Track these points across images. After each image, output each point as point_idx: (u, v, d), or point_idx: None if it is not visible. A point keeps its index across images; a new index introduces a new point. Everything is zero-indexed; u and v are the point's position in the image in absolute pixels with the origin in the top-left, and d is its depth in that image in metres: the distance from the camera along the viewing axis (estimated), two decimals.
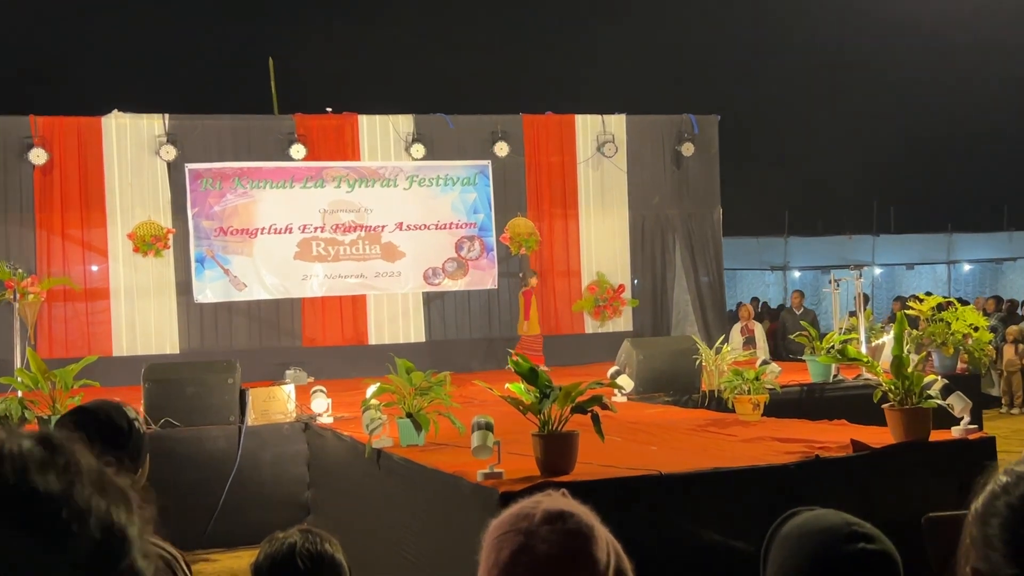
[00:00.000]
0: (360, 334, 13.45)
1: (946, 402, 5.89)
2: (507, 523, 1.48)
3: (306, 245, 13.20)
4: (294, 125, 13.21)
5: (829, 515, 1.64)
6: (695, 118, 14.72)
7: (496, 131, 13.86)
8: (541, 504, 1.50)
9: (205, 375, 8.66)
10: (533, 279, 13.33)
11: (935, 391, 5.84)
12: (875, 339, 11.15)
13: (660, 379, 9.49)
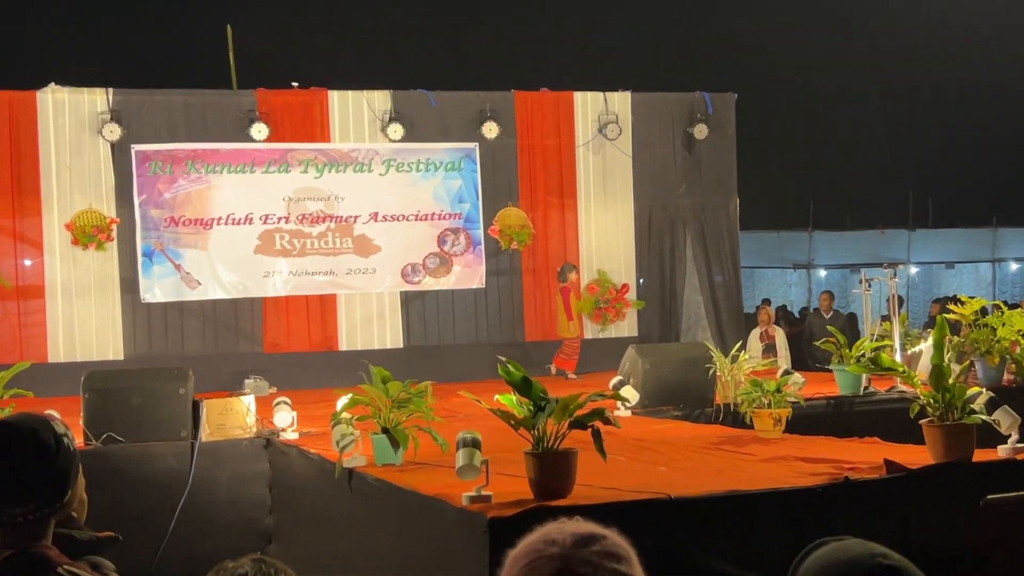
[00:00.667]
0: (329, 339, 13.43)
1: (992, 418, 5.91)
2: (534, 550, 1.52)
3: (268, 238, 13.17)
4: (255, 102, 13.19)
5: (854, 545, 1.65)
6: (709, 96, 14.74)
7: (484, 109, 13.86)
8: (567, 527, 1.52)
9: (153, 384, 8.62)
10: (573, 274, 13.45)
11: (979, 405, 5.86)
12: (911, 346, 11.18)
13: (669, 391, 9.50)
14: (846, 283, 24.08)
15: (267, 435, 8.57)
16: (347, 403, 6.74)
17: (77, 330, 12.64)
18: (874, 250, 23.93)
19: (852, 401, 9.89)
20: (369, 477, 6.26)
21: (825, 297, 15.15)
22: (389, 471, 6.29)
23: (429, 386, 6.77)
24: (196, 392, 8.77)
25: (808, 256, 25.09)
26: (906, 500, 5.53)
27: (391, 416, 6.54)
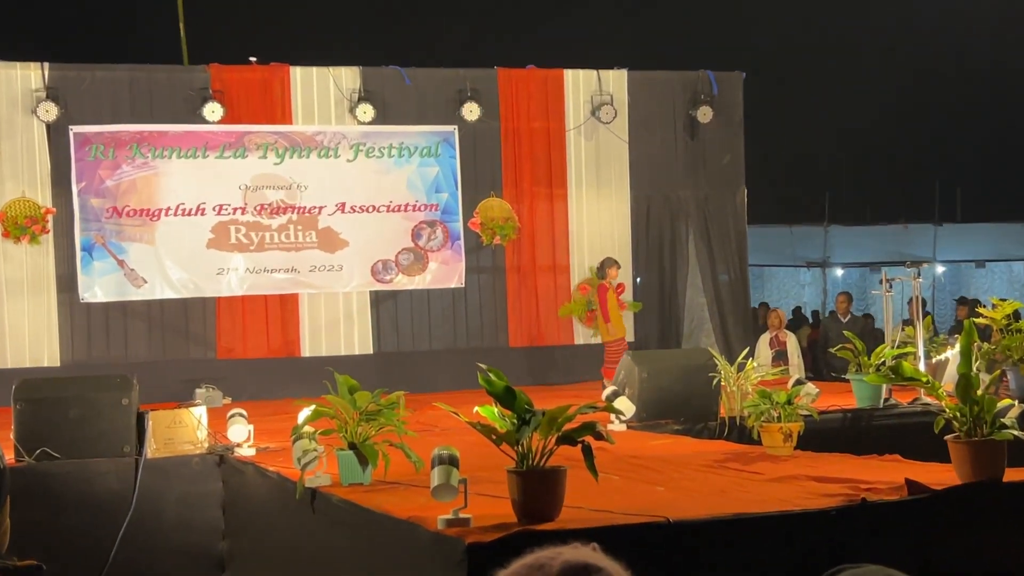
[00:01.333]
0: (290, 344, 13.42)
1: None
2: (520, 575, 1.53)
3: (223, 231, 13.15)
4: (208, 78, 13.16)
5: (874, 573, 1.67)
6: (714, 75, 14.79)
7: (464, 89, 13.87)
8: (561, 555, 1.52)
9: (93, 394, 8.59)
10: (613, 269, 13.46)
11: (1011, 419, 5.90)
12: (936, 354, 11.24)
13: (668, 402, 9.52)
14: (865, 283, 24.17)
15: (220, 451, 8.55)
16: (310, 416, 6.73)
17: (8, 333, 12.59)
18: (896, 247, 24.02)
19: (871, 414, 9.94)
20: (334, 498, 6.26)
21: (842, 299, 15.22)
22: (356, 491, 6.28)
23: (402, 397, 6.76)
24: (141, 403, 8.72)
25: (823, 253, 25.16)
26: (929, 524, 5.56)
27: (359, 430, 6.54)
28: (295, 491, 6.50)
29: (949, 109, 30.16)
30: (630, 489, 6.22)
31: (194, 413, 8.71)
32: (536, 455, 5.16)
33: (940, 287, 25.23)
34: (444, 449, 5.29)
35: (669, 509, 5.36)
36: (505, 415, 5.22)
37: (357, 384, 6.70)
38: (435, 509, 5.21)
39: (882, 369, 8.81)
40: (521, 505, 5.15)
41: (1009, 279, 25.59)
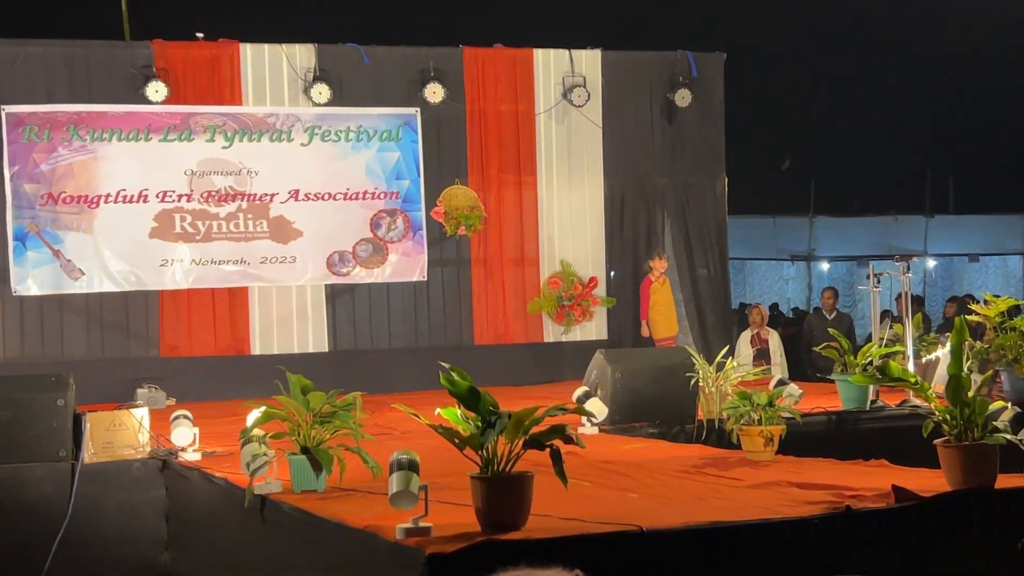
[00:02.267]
0: (239, 341, 13.37)
1: (1018, 438, 6.01)
2: None
3: (166, 219, 13.09)
4: (151, 55, 13.08)
5: None
6: (693, 56, 14.83)
7: (428, 69, 13.84)
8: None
9: (25, 394, 8.54)
10: (655, 260, 13.60)
11: (1004, 423, 5.96)
12: (926, 353, 11.33)
13: (643, 404, 9.55)
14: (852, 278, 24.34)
15: (163, 456, 8.51)
16: (260, 418, 6.71)
17: None
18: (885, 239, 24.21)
19: (857, 417, 10.01)
20: (285, 506, 6.24)
21: (828, 294, 15.31)
22: (309, 499, 6.28)
23: (358, 398, 6.75)
24: (78, 404, 8.68)
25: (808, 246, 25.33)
26: (917, 533, 5.61)
27: (312, 433, 6.53)
28: (243, 499, 6.48)
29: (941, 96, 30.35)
30: (601, 496, 6.24)
31: (135, 415, 8.66)
32: (501, 460, 5.17)
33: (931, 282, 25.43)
34: (403, 454, 5.29)
35: (643, 517, 5.38)
36: (469, 417, 5.22)
37: (311, 384, 6.69)
38: (394, 518, 5.21)
39: (869, 369, 8.89)
40: (485, 513, 5.15)
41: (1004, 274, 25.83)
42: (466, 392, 5.21)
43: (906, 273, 11.09)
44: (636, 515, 5.47)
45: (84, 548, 8.32)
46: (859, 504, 5.67)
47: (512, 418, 5.10)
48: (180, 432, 8.39)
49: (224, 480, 7.32)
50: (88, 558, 8.31)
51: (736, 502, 6.01)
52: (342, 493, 6.33)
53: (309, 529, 5.99)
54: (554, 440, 5.17)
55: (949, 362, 6.08)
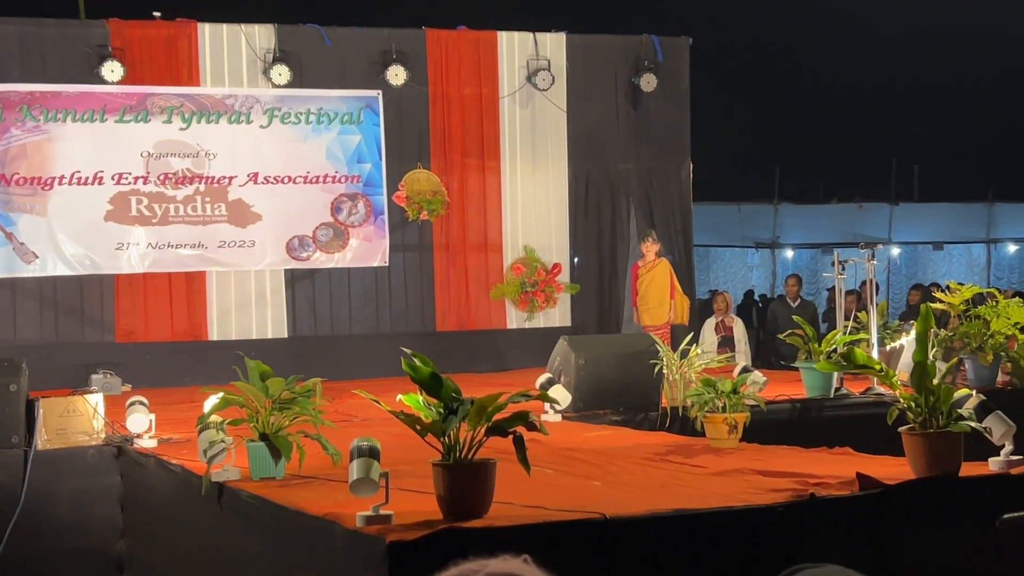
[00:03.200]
0: (197, 326, 13.31)
1: (983, 425, 6.05)
2: None
3: (122, 201, 12.99)
4: (107, 34, 12.97)
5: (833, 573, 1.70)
6: (659, 40, 14.85)
7: (390, 50, 13.79)
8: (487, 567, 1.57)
9: None
10: (646, 242, 13.35)
11: (968, 411, 6.00)
12: (890, 341, 11.41)
13: (607, 391, 9.57)
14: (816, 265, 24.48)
15: (119, 442, 8.47)
16: (217, 404, 6.68)
17: None
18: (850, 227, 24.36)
19: (821, 404, 10.07)
20: (244, 493, 6.22)
21: (792, 282, 15.40)
22: (268, 486, 6.25)
23: (318, 384, 6.73)
24: (31, 389, 8.63)
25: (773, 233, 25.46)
26: (882, 521, 5.64)
27: (271, 420, 6.50)
28: (200, 486, 6.45)
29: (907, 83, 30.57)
30: (565, 484, 6.24)
31: (90, 401, 8.61)
32: (464, 447, 5.16)
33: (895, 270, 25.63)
34: (364, 440, 5.27)
35: (606, 505, 5.39)
36: (431, 404, 5.21)
37: (270, 370, 6.66)
38: (354, 505, 5.19)
39: (833, 356, 8.93)
40: (447, 501, 5.15)
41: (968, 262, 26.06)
42: (428, 378, 5.19)
43: (870, 260, 11.16)
44: (599, 503, 5.48)
45: (37, 537, 8.27)
46: (823, 492, 5.70)
47: (475, 405, 5.09)
48: (136, 418, 8.34)
49: (181, 467, 7.29)
50: (41, 547, 8.26)
51: (700, 490, 6.03)
52: (301, 481, 6.31)
53: (267, 517, 5.96)
54: (517, 427, 5.17)
55: (914, 350, 6.12)
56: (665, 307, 13.24)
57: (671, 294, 13.37)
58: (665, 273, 13.43)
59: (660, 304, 13.24)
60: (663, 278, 13.36)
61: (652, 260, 13.49)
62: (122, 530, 8.50)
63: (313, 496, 5.87)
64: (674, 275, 13.58)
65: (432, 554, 4.69)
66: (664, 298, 13.23)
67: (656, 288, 13.31)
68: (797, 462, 6.77)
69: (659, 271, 13.44)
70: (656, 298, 13.26)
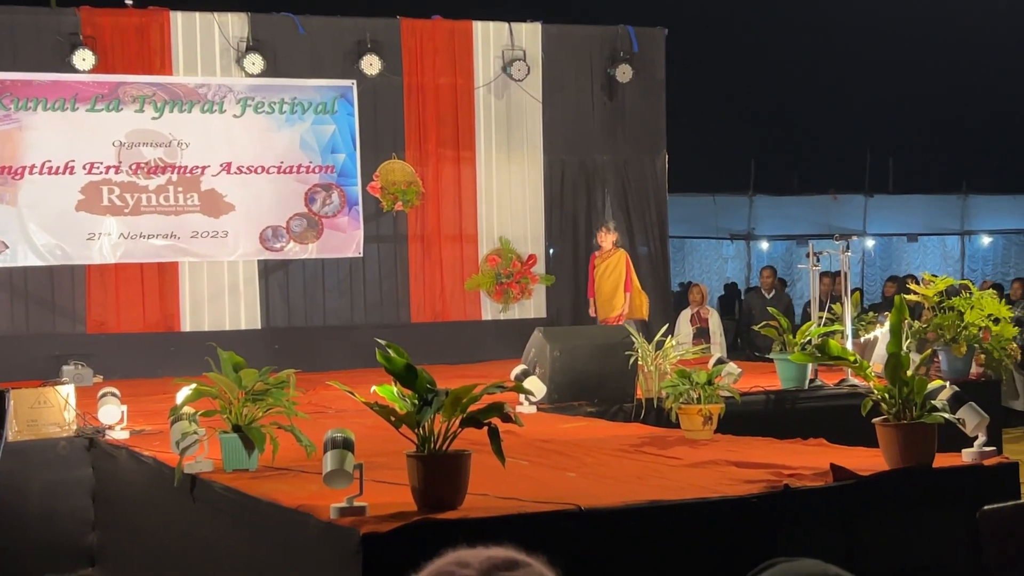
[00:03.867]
0: (169, 317, 13.26)
1: (956, 416, 6.09)
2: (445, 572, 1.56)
3: (94, 191, 12.92)
4: (78, 22, 12.88)
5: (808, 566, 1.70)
6: (634, 31, 14.86)
7: (364, 40, 13.75)
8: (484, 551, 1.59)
9: None
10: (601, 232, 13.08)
11: (942, 402, 6.03)
12: (865, 332, 11.47)
13: (582, 383, 9.58)
14: (791, 257, 24.57)
15: (90, 434, 8.44)
16: (190, 395, 6.67)
17: None
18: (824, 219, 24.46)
19: (796, 396, 10.11)
20: (216, 485, 6.20)
21: (767, 273, 15.46)
22: (241, 478, 6.24)
23: (292, 375, 6.72)
24: (1, 380, 8.62)
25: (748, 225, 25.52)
26: (856, 512, 5.68)
27: (244, 411, 6.48)
28: (173, 478, 6.43)
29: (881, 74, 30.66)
30: (539, 475, 6.25)
31: (61, 392, 8.57)
32: (438, 438, 5.16)
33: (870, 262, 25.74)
34: (338, 432, 5.26)
35: (581, 496, 5.40)
36: (405, 395, 5.21)
37: (243, 361, 6.64)
38: (327, 497, 5.18)
39: (808, 348, 8.97)
40: (421, 492, 5.15)
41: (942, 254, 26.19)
42: (403, 369, 5.18)
43: (845, 252, 11.20)
44: (574, 494, 5.49)
45: (8, 529, 8.24)
46: (797, 483, 5.73)
47: (449, 396, 5.09)
48: (107, 410, 8.32)
49: (153, 459, 7.27)
50: (12, 539, 8.24)
51: (675, 481, 6.05)
52: (275, 472, 6.31)
53: (240, 509, 5.95)
54: (492, 418, 5.17)
55: (888, 341, 6.15)
56: (619, 300, 12.97)
57: (626, 287, 13.07)
58: (621, 265, 13.15)
59: (613, 296, 12.96)
60: (618, 270, 13.09)
61: (609, 250, 13.24)
62: (93, 522, 8.49)
63: (287, 488, 5.86)
64: (631, 268, 13.29)
65: (406, 546, 4.69)
66: (617, 290, 12.98)
67: (610, 280, 13.04)
68: (771, 453, 6.80)
69: (614, 262, 13.17)
70: (609, 290, 13.00)
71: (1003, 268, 25.34)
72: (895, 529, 5.68)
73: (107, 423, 8.33)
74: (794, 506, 5.57)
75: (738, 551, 5.31)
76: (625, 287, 13.07)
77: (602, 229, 13.39)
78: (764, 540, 5.36)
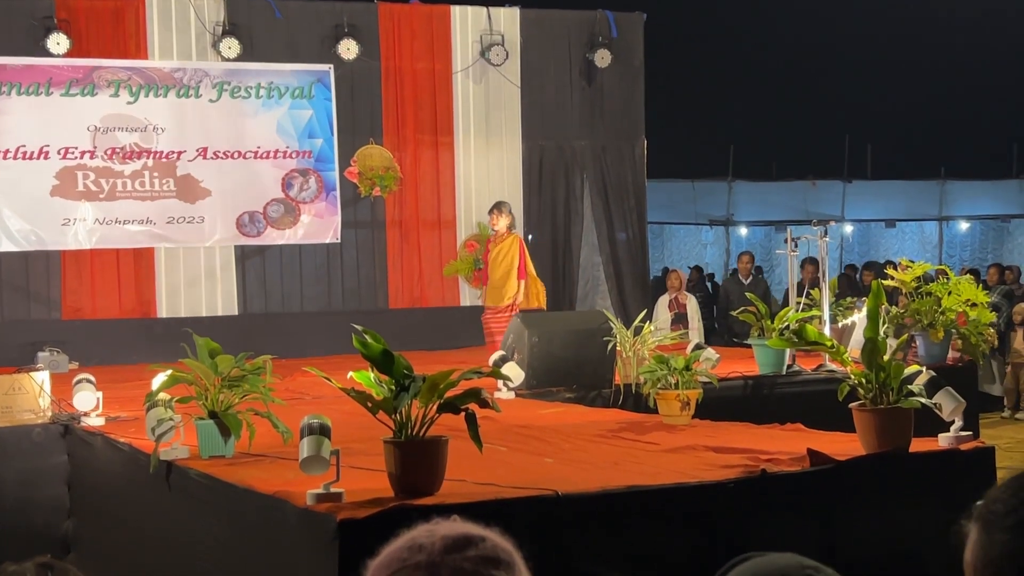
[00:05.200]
0: (145, 303, 13.22)
1: (933, 401, 6.12)
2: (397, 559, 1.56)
3: (68, 176, 12.86)
4: (52, 5, 12.80)
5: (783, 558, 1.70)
6: (613, 16, 14.86)
7: (342, 24, 13.71)
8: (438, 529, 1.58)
9: None
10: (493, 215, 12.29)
11: (918, 387, 6.06)
12: (842, 318, 11.51)
13: (560, 368, 9.59)
14: (770, 243, 24.63)
15: (65, 421, 8.42)
16: (165, 381, 6.65)
17: None
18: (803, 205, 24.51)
19: (773, 381, 10.15)
20: (192, 472, 6.19)
21: (745, 259, 15.49)
22: (217, 464, 6.23)
23: (269, 361, 6.71)
24: None
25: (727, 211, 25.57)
26: (832, 496, 5.70)
27: (220, 398, 6.47)
28: (148, 464, 6.42)
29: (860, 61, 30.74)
30: (517, 461, 6.26)
31: (36, 378, 8.55)
32: (416, 424, 5.16)
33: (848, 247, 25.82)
34: (314, 418, 5.26)
35: (558, 482, 5.41)
36: (382, 381, 5.20)
37: (219, 347, 6.63)
38: (304, 483, 5.18)
39: (786, 333, 8.99)
40: (399, 478, 5.15)
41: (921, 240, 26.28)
42: (379, 355, 5.18)
43: (823, 238, 11.23)
44: (552, 479, 5.50)
45: None
46: (775, 468, 5.75)
47: (427, 382, 5.09)
48: (83, 396, 8.29)
49: (128, 446, 7.25)
50: None
51: (652, 466, 6.07)
52: (251, 459, 6.30)
53: (217, 496, 5.94)
54: (469, 404, 5.17)
55: (865, 326, 6.18)
56: (511, 288, 12.00)
57: (520, 274, 12.05)
58: (514, 250, 12.12)
59: (504, 283, 12.05)
60: (510, 255, 12.08)
61: (502, 234, 12.24)
62: (69, 510, 8.47)
63: (263, 474, 5.86)
64: (526, 253, 12.32)
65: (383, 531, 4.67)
66: (509, 277, 12.02)
67: (501, 266, 12.09)
68: (749, 438, 6.83)
69: (506, 247, 12.15)
70: (500, 276, 12.08)
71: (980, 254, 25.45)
72: (872, 513, 5.71)
73: (82, 410, 8.31)
74: (771, 491, 5.59)
75: (715, 536, 5.33)
76: (519, 274, 12.04)
77: (494, 211, 12.35)
78: (741, 524, 5.38)
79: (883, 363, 5.99)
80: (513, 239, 12.25)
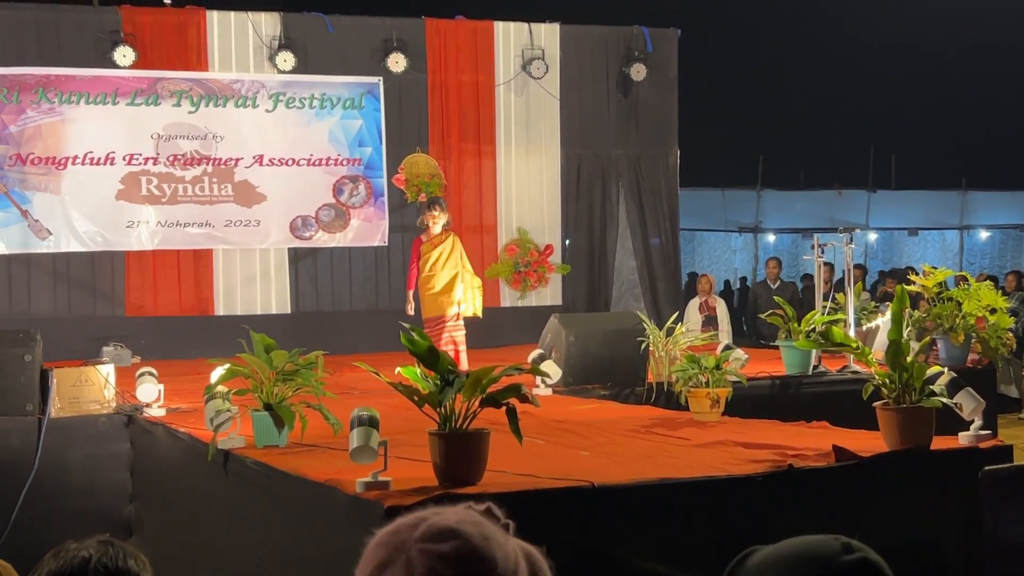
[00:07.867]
0: (204, 301, 13.30)
1: (953, 401, 6.08)
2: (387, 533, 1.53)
3: (133, 181, 12.96)
4: (119, 21, 12.91)
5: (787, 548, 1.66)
6: (648, 31, 14.82)
7: (391, 39, 13.75)
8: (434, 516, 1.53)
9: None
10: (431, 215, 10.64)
11: (940, 387, 6.02)
12: (867, 321, 11.43)
13: (595, 366, 9.58)
14: (797, 249, 24.50)
15: (129, 411, 8.48)
16: (223, 375, 6.69)
17: None
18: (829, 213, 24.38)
19: (800, 381, 10.09)
20: (248, 460, 6.23)
21: (772, 264, 15.42)
22: (271, 454, 6.26)
23: (320, 357, 6.74)
24: (45, 360, 8.63)
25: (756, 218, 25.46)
26: (856, 491, 5.68)
27: (275, 391, 6.51)
28: (207, 453, 6.46)
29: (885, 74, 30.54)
30: (554, 453, 6.26)
31: (101, 371, 8.62)
32: (459, 417, 5.17)
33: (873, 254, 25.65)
34: (364, 410, 5.28)
35: (594, 474, 5.41)
36: (428, 376, 5.22)
37: (273, 343, 6.67)
38: (354, 472, 5.20)
39: (812, 335, 8.95)
40: (442, 468, 5.16)
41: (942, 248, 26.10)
42: (425, 351, 5.20)
43: (849, 245, 11.17)
44: (588, 471, 5.50)
45: (50, 500, 8.28)
46: (801, 463, 5.73)
47: (470, 377, 5.10)
48: (145, 388, 8.36)
49: (188, 435, 7.30)
50: (54, 510, 8.27)
51: (683, 460, 6.05)
52: (303, 448, 6.32)
53: (271, 483, 5.98)
54: (510, 399, 5.18)
55: (890, 329, 6.15)
56: (446, 295, 10.54)
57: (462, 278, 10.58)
58: (457, 250, 10.63)
59: (452, 289, 10.59)
60: (454, 257, 10.58)
61: (439, 235, 10.68)
62: (131, 494, 8.53)
63: (315, 463, 5.88)
64: (464, 256, 10.79)
65: None
66: (456, 282, 10.57)
67: (444, 269, 10.57)
68: (776, 435, 6.80)
69: (447, 248, 10.61)
70: (446, 281, 10.59)
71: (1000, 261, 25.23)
72: (894, 507, 5.68)
73: (145, 401, 8.37)
74: (797, 485, 5.57)
75: (743, 527, 5.31)
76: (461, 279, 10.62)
77: (435, 208, 10.72)
78: (768, 517, 5.36)
79: (906, 364, 5.96)
80: (454, 240, 10.73)
